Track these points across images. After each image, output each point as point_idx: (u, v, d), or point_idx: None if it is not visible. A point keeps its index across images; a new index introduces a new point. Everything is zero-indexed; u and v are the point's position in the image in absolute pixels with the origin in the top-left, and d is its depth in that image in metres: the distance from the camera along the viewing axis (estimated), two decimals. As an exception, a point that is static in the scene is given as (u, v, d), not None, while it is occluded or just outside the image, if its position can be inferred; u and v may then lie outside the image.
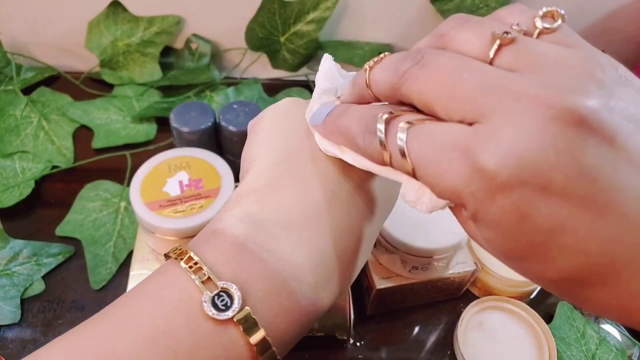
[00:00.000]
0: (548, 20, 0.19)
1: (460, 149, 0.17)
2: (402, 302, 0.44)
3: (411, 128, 0.19)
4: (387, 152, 0.20)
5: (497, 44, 0.18)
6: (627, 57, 0.63)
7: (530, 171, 0.16)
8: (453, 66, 0.18)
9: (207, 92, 0.61)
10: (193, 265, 0.21)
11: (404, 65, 0.20)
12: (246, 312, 0.20)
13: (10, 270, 0.45)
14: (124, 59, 0.61)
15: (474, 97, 0.17)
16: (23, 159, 0.54)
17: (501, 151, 0.16)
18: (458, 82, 0.18)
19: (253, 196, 0.24)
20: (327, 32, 0.62)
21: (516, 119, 0.16)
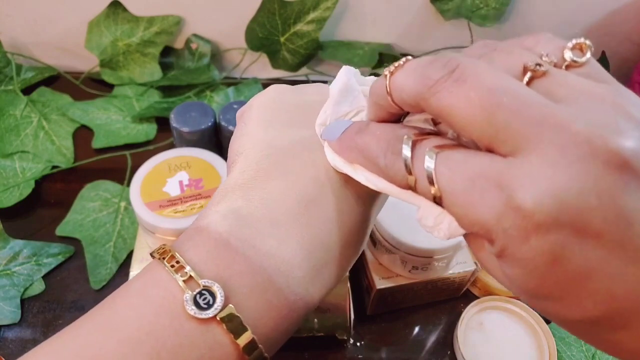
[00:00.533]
0: (576, 52, 0.19)
1: (493, 180, 0.16)
2: (402, 302, 0.44)
3: (440, 153, 0.18)
4: (412, 177, 0.19)
5: (528, 76, 0.18)
6: (627, 57, 0.63)
7: (569, 213, 0.15)
8: (494, 86, 0.17)
9: (207, 92, 0.61)
10: (175, 264, 0.21)
11: (434, 73, 0.18)
12: (230, 310, 0.20)
13: (10, 270, 0.45)
14: (124, 59, 0.61)
15: (513, 126, 0.16)
16: (23, 159, 0.54)
17: (541, 190, 0.15)
18: (498, 107, 0.16)
19: (239, 191, 0.23)
20: (327, 32, 0.62)
21: (557, 156, 0.15)
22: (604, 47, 0.55)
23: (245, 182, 0.24)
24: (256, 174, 0.24)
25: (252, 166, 0.24)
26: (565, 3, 0.59)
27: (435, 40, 0.62)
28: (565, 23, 0.61)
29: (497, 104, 0.16)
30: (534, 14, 0.60)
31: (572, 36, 0.20)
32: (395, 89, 0.20)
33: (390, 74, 0.20)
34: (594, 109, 0.16)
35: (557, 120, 0.16)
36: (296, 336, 0.41)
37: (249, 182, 0.23)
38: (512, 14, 0.60)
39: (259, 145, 0.25)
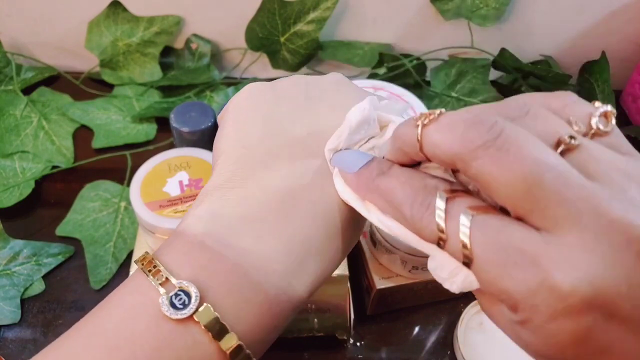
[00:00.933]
0: (602, 120, 0.19)
1: (529, 256, 0.17)
2: (402, 302, 0.44)
3: (476, 217, 0.18)
4: (443, 234, 0.18)
5: (562, 149, 0.18)
6: (627, 57, 0.63)
7: (602, 299, 0.16)
8: (538, 160, 0.17)
9: (207, 92, 0.61)
10: (152, 268, 0.21)
11: (478, 137, 0.17)
12: (206, 309, 0.20)
13: (10, 270, 0.45)
14: (124, 59, 0.61)
15: (553, 204, 0.16)
16: (23, 159, 0.54)
17: (577, 275, 0.16)
18: (540, 184, 0.16)
19: (217, 193, 0.23)
20: (327, 32, 0.62)
21: (594, 241, 0.16)
22: (604, 47, 0.55)
23: (222, 183, 0.24)
24: (233, 174, 0.24)
25: (228, 167, 0.24)
26: (565, 3, 0.59)
27: (435, 40, 0.62)
28: (565, 23, 0.61)
29: (539, 180, 0.17)
30: (534, 14, 0.60)
31: (572, 37, 0.20)
32: (429, 143, 0.19)
33: (423, 126, 0.19)
34: (628, 190, 0.17)
35: (595, 204, 0.16)
36: (296, 336, 0.41)
37: (226, 183, 0.24)
38: (512, 14, 0.60)
39: (235, 146, 0.25)
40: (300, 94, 0.27)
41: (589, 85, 0.57)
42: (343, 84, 0.28)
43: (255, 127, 0.25)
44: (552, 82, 0.57)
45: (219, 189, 0.24)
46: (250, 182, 0.23)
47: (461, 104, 0.57)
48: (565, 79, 0.55)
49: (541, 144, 0.17)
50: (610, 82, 0.54)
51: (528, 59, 0.61)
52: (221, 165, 0.25)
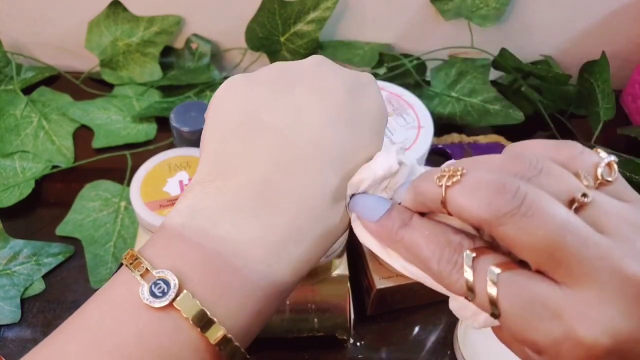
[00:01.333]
0: (606, 169, 0.21)
1: (552, 310, 0.18)
2: (402, 302, 0.44)
3: (502, 274, 0.19)
4: (472, 291, 0.20)
5: (574, 207, 0.19)
6: (627, 57, 0.63)
7: (620, 346, 0.18)
8: (560, 224, 0.18)
9: (207, 92, 0.61)
10: (134, 261, 0.22)
11: (503, 204, 0.19)
12: (185, 295, 0.21)
13: (10, 270, 0.45)
14: (124, 58, 0.61)
15: (573, 263, 0.18)
16: (23, 159, 0.54)
17: (599, 328, 0.18)
18: (561, 245, 0.18)
19: (198, 187, 0.24)
20: (327, 32, 0.62)
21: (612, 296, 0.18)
22: (604, 47, 0.55)
23: (203, 177, 0.24)
24: (212, 168, 0.24)
25: (208, 162, 0.25)
26: (565, 3, 0.59)
27: (435, 40, 0.62)
28: (565, 23, 0.61)
29: (562, 242, 0.18)
30: (534, 14, 0.60)
31: (572, 37, 0.20)
32: (454, 205, 0.20)
33: (447, 187, 0.20)
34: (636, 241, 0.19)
35: (611, 262, 0.18)
36: (296, 336, 0.41)
37: (206, 177, 0.24)
38: (512, 14, 0.60)
39: (213, 140, 0.25)
40: (276, 80, 0.26)
41: (589, 85, 0.57)
42: (322, 65, 0.27)
43: (231, 119, 0.25)
44: (552, 82, 0.57)
45: (200, 184, 0.24)
46: (228, 174, 0.24)
47: (461, 104, 0.57)
48: (565, 79, 0.55)
49: (560, 205, 0.19)
50: (610, 82, 0.54)
51: (528, 59, 0.61)
52: (202, 160, 0.25)
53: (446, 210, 0.21)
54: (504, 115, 0.56)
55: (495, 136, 0.58)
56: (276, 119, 0.25)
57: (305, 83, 0.26)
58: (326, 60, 0.28)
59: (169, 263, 0.22)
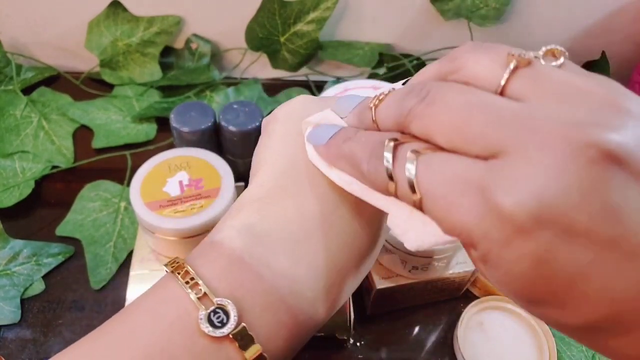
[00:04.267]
0: (549, 59, 0.18)
1: (473, 183, 0.16)
2: (402, 302, 0.44)
3: (421, 157, 0.18)
4: (392, 183, 0.19)
5: (512, 65, 0.17)
6: (627, 57, 0.63)
7: (551, 213, 0.15)
8: (461, 102, 0.17)
9: (207, 92, 0.61)
10: (190, 280, 0.21)
11: (408, 102, 0.19)
12: (242, 329, 0.20)
13: (10, 270, 0.45)
14: (124, 59, 0.61)
15: (485, 134, 0.16)
16: (23, 159, 0.54)
17: (519, 191, 0.15)
18: (467, 121, 0.17)
19: (255, 205, 0.23)
20: (327, 32, 0.62)
21: (535, 155, 0.15)
22: (604, 47, 0.55)
23: (262, 197, 0.24)
24: (273, 189, 0.24)
25: (270, 181, 0.24)
26: (565, 3, 0.59)
27: (435, 40, 0.62)
28: (565, 23, 0.61)
29: (467, 117, 0.17)
30: (534, 14, 0.60)
31: (572, 37, 0.20)
32: (379, 120, 0.21)
33: (375, 107, 0.21)
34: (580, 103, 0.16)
35: (534, 122, 0.16)
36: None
37: (266, 198, 0.23)
38: (512, 14, 0.60)
39: (279, 160, 0.24)
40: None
41: (589, 85, 0.57)
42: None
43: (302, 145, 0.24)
44: (552, 82, 0.57)
45: (257, 202, 0.23)
46: (291, 201, 0.23)
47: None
48: (565, 79, 0.55)
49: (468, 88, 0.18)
50: (610, 82, 0.54)
51: (528, 59, 0.61)
52: (262, 177, 0.24)
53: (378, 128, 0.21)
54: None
55: (495, 136, 0.58)
56: None
57: None
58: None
59: (227, 290, 0.21)
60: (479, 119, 0.17)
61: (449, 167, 0.17)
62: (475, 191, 0.16)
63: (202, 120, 0.48)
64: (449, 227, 0.17)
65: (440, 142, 0.18)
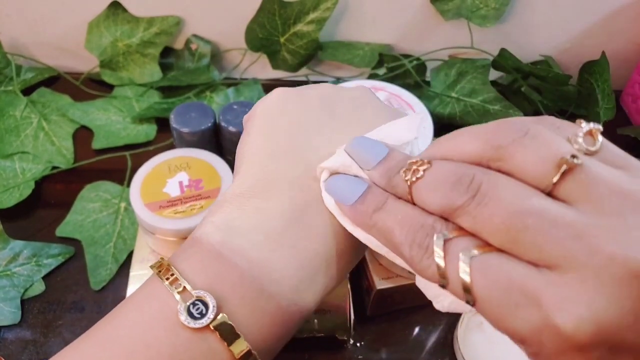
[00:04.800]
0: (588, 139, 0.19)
1: (529, 294, 0.17)
2: (402, 303, 0.44)
3: (475, 258, 0.18)
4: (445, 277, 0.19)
5: (563, 169, 0.18)
6: (627, 57, 0.63)
7: (607, 334, 0.16)
8: (515, 207, 0.17)
9: (207, 93, 0.61)
10: (170, 276, 0.22)
11: (457, 197, 0.19)
12: (222, 319, 0.21)
13: (11, 271, 0.45)
14: (124, 59, 0.61)
15: (540, 246, 0.17)
16: (23, 160, 0.54)
17: (579, 315, 0.16)
18: (522, 229, 0.17)
19: (236, 201, 0.24)
20: (327, 32, 0.62)
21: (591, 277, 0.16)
22: (604, 47, 0.55)
23: (242, 192, 0.24)
24: (253, 184, 0.24)
25: (249, 177, 0.24)
26: (565, 3, 0.59)
27: (435, 40, 0.62)
28: (565, 23, 0.61)
29: (522, 227, 0.17)
30: (534, 14, 0.60)
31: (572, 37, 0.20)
32: (418, 200, 0.20)
33: (411, 182, 0.20)
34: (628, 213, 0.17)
35: (589, 241, 0.16)
36: (296, 337, 0.41)
37: (246, 192, 0.24)
38: (512, 14, 0.60)
39: (260, 154, 0.25)
40: (327, 107, 0.26)
41: (589, 85, 0.57)
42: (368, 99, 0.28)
43: (282, 137, 0.25)
44: (552, 82, 0.57)
45: (237, 199, 0.24)
46: (271, 194, 0.24)
47: (461, 104, 0.57)
48: (565, 79, 0.55)
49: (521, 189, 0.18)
50: (610, 82, 0.54)
51: (528, 59, 0.61)
52: (244, 173, 0.25)
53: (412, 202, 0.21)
54: (504, 116, 0.56)
55: (495, 136, 0.58)
56: (323, 144, 0.25)
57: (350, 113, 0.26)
58: (370, 93, 0.29)
59: (206, 283, 0.22)
60: (534, 228, 0.17)
61: (503, 273, 0.17)
62: (531, 303, 0.17)
63: (202, 120, 0.48)
64: (502, 328, 0.18)
65: (490, 241, 0.18)
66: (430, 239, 0.19)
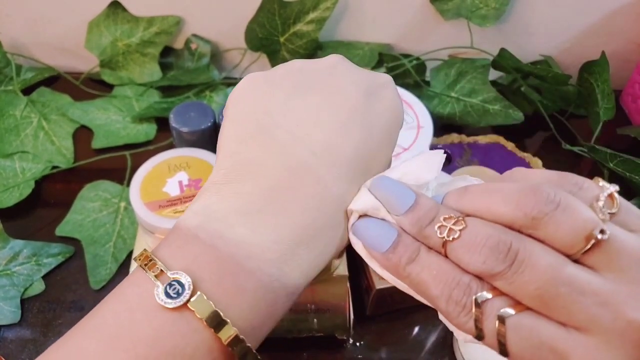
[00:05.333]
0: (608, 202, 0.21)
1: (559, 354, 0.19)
2: (401, 303, 0.44)
3: (510, 319, 0.20)
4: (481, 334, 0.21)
5: (592, 243, 0.20)
6: (627, 57, 0.63)
7: None
8: (549, 276, 0.19)
9: (206, 92, 0.61)
10: (148, 262, 0.22)
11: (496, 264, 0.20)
12: (199, 297, 0.21)
13: (10, 270, 0.45)
14: (124, 59, 0.61)
15: (571, 311, 0.19)
16: (23, 159, 0.54)
17: None
18: (554, 296, 0.19)
19: (213, 188, 0.24)
20: (327, 32, 0.62)
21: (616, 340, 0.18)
22: (604, 47, 0.55)
23: (218, 179, 0.24)
24: (227, 170, 0.24)
25: (223, 164, 0.25)
26: (565, 3, 0.59)
27: (435, 40, 0.62)
28: (565, 23, 0.61)
29: (554, 293, 0.19)
30: (534, 14, 0.60)
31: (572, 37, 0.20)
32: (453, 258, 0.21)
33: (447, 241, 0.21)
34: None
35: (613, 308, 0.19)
36: (296, 336, 0.41)
37: (222, 179, 0.24)
38: (512, 14, 0.60)
39: (230, 141, 0.25)
40: (292, 81, 0.26)
41: (589, 85, 0.57)
42: (339, 65, 0.27)
43: (248, 121, 0.25)
44: (552, 82, 0.57)
45: (215, 185, 0.24)
46: (245, 177, 0.24)
47: (461, 104, 0.57)
48: (565, 79, 0.55)
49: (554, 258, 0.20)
50: (610, 82, 0.54)
51: (528, 59, 0.61)
52: (219, 161, 0.25)
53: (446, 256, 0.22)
54: (504, 116, 0.56)
55: (495, 136, 0.58)
56: (291, 122, 0.25)
57: (320, 85, 0.26)
58: (343, 60, 0.28)
59: (183, 264, 0.22)
60: (565, 295, 0.19)
61: (536, 332, 0.20)
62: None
63: (201, 120, 0.48)
64: None
65: (523, 302, 0.20)
66: (467, 298, 0.21)
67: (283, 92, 0.26)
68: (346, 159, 0.24)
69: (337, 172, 0.24)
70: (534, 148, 0.59)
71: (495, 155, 0.57)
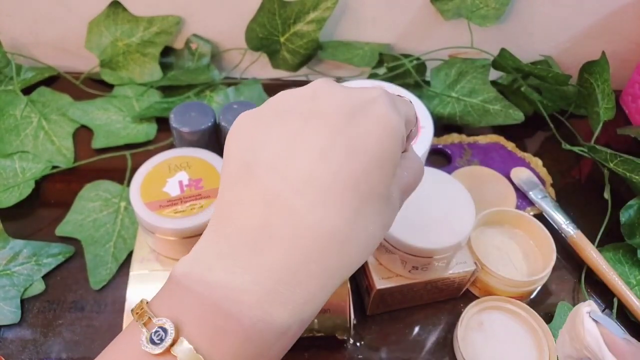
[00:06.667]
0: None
1: None
2: (402, 302, 0.44)
3: None
4: None
5: None
6: (627, 57, 0.63)
7: None
8: None
9: (207, 92, 0.61)
10: (139, 311, 0.23)
11: None
12: (181, 342, 0.22)
13: (10, 270, 0.45)
14: (124, 59, 0.61)
15: None
16: (23, 159, 0.54)
17: None
18: None
19: (204, 235, 0.25)
20: (327, 32, 0.62)
21: None
22: (604, 47, 0.55)
23: (211, 222, 0.25)
24: (217, 213, 0.25)
25: (215, 209, 0.25)
26: (565, 3, 0.59)
27: (435, 40, 0.62)
28: (565, 23, 0.61)
29: None
30: (534, 14, 0.60)
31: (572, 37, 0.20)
32: None
33: None
34: None
35: None
36: (296, 336, 0.41)
37: (212, 222, 0.25)
38: (512, 14, 0.60)
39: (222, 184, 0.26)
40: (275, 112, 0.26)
41: (589, 85, 0.57)
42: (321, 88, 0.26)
43: (233, 163, 0.25)
44: (552, 82, 0.57)
45: (206, 231, 0.25)
46: (227, 219, 0.24)
47: (461, 104, 0.57)
48: (565, 79, 0.55)
49: None
50: (610, 82, 0.54)
51: (528, 59, 0.61)
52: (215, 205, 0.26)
53: None
54: (504, 116, 0.56)
55: (495, 136, 0.58)
56: (270, 155, 0.24)
57: (299, 112, 0.25)
58: (327, 82, 0.26)
59: (168, 311, 0.23)
60: None
61: None
62: None
63: (202, 120, 0.48)
64: None
65: None
66: None
67: (265, 124, 0.25)
68: (323, 185, 0.23)
69: (312, 199, 0.23)
70: (534, 148, 0.59)
71: (495, 155, 0.57)
